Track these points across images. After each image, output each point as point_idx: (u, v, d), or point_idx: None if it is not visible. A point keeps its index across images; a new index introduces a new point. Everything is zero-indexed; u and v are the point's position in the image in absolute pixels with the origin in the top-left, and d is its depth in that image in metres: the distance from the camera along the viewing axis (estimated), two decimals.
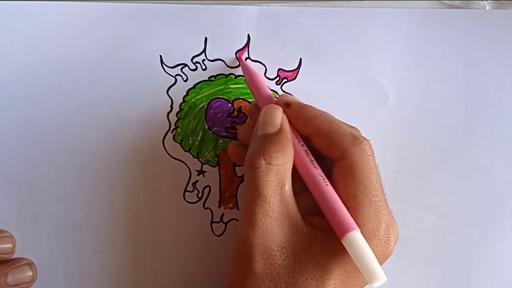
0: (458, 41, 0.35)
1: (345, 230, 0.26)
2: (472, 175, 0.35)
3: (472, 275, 0.35)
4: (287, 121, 0.29)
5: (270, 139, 0.28)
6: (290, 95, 0.32)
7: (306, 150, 0.29)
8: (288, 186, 0.28)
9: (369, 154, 0.28)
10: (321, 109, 0.30)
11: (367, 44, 0.35)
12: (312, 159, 0.29)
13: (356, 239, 0.26)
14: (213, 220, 0.35)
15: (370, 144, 0.29)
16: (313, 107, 0.30)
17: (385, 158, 0.35)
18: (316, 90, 0.35)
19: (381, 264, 0.27)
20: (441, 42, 0.35)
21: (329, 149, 0.29)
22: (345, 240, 0.26)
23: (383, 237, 0.27)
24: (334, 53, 0.35)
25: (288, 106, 0.30)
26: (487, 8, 0.36)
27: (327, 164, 0.30)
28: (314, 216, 0.28)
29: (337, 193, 0.28)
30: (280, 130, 0.29)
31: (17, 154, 0.34)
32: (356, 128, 0.30)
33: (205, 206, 0.35)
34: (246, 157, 0.28)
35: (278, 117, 0.29)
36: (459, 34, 0.35)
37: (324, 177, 0.28)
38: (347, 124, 0.30)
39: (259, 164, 0.27)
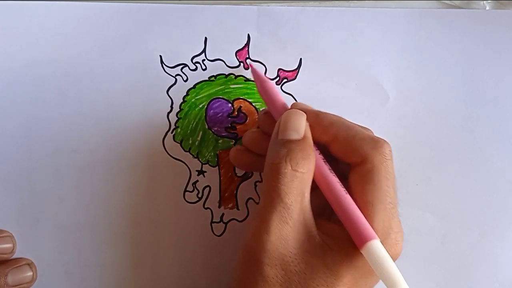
0: (458, 41, 0.35)
1: (365, 240, 0.26)
2: (472, 175, 0.35)
3: (472, 275, 0.35)
4: (309, 128, 0.29)
5: (295, 146, 0.28)
6: (303, 103, 0.32)
7: (323, 159, 0.29)
8: (307, 194, 0.28)
9: (388, 158, 0.28)
10: (335, 114, 0.30)
11: (367, 44, 0.35)
12: (329, 167, 0.28)
13: (376, 248, 0.26)
14: (213, 220, 0.35)
15: (390, 147, 0.28)
16: (328, 114, 0.30)
17: None
18: (316, 90, 0.35)
19: None
20: (441, 42, 0.35)
21: (349, 154, 0.28)
22: (364, 250, 0.26)
23: (393, 242, 0.28)
24: (334, 53, 0.35)
25: None
26: (487, 8, 0.36)
27: (341, 169, 0.30)
28: (327, 223, 0.28)
29: (353, 198, 0.27)
30: (304, 137, 0.28)
31: (17, 154, 0.34)
32: (369, 130, 0.30)
33: (205, 206, 0.35)
34: (268, 159, 0.28)
35: (303, 123, 0.28)
36: (459, 34, 0.35)
37: (342, 186, 0.28)
38: (361, 127, 0.30)
39: (285, 170, 0.27)
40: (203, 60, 0.35)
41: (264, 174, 0.28)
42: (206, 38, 0.35)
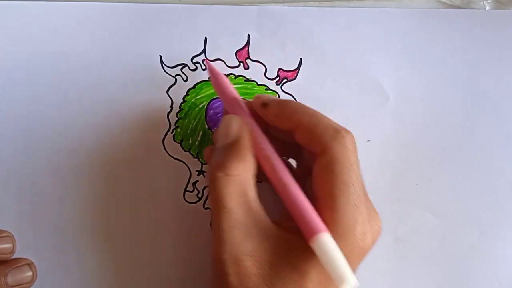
0: (458, 41, 0.35)
1: (313, 233, 0.25)
2: (472, 175, 0.35)
3: (472, 275, 0.35)
4: (245, 128, 0.29)
5: (227, 150, 0.28)
6: (266, 95, 0.31)
7: (271, 151, 0.28)
8: (251, 194, 0.27)
9: (350, 148, 0.27)
10: (300, 103, 0.29)
11: (367, 44, 0.35)
12: (277, 157, 0.28)
13: (323, 241, 0.25)
14: None
15: (353, 138, 0.28)
16: (293, 102, 0.29)
17: (385, 158, 0.35)
18: (316, 90, 0.35)
19: (359, 262, 0.27)
20: (441, 42, 0.35)
21: (310, 143, 0.28)
22: (312, 242, 0.25)
23: (360, 235, 0.27)
24: (334, 53, 0.35)
25: (265, 106, 0.29)
26: (487, 8, 0.36)
27: (309, 159, 0.29)
28: (287, 221, 0.28)
29: (315, 190, 0.27)
30: (236, 140, 0.28)
31: (17, 154, 0.34)
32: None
33: (205, 206, 0.35)
34: (207, 171, 0.28)
35: (234, 126, 0.28)
36: (459, 34, 0.35)
37: (291, 178, 0.27)
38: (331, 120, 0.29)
39: (218, 176, 0.27)
40: (203, 60, 0.35)
41: (208, 185, 0.28)
42: (206, 38, 0.35)
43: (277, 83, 0.35)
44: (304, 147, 0.29)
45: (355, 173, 0.27)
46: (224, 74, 0.35)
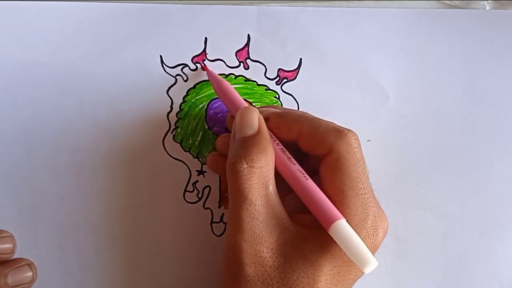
0: (458, 41, 0.35)
1: (331, 221, 0.26)
2: (472, 175, 0.35)
3: (472, 275, 0.35)
4: (264, 122, 0.29)
5: (250, 142, 0.28)
6: (266, 108, 0.32)
7: (282, 149, 0.29)
8: (272, 187, 0.28)
9: (355, 146, 0.28)
10: (299, 110, 0.30)
11: (367, 44, 0.35)
12: (290, 156, 0.29)
13: (342, 227, 0.26)
14: (213, 220, 0.35)
15: (356, 136, 0.28)
16: (291, 111, 0.30)
17: (385, 158, 0.35)
18: (316, 90, 0.35)
19: None
20: (441, 42, 0.35)
21: (315, 147, 0.28)
22: (331, 231, 0.26)
23: (371, 229, 0.27)
24: (334, 53, 0.35)
25: (267, 120, 0.30)
26: (487, 8, 0.36)
27: (313, 165, 0.30)
28: (301, 214, 0.28)
29: (324, 189, 0.28)
30: (258, 132, 0.28)
31: (17, 154, 0.34)
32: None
33: (205, 206, 0.35)
34: (227, 162, 0.28)
35: (255, 118, 0.29)
36: (459, 34, 0.35)
37: (304, 172, 0.28)
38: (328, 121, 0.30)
39: (242, 168, 0.27)
40: (203, 60, 0.35)
41: (227, 176, 0.28)
42: (206, 38, 0.35)
43: (277, 83, 0.35)
44: (309, 154, 0.29)
45: (362, 169, 0.28)
46: (224, 75, 0.35)
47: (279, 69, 0.35)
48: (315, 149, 0.29)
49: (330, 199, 0.27)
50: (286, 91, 0.35)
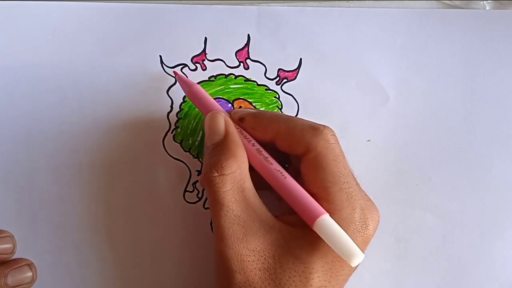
0: (458, 41, 0.35)
1: (314, 217, 0.26)
2: (472, 175, 0.35)
3: (472, 275, 0.35)
4: (231, 124, 0.29)
5: (218, 148, 0.28)
6: (242, 109, 0.32)
7: (258, 149, 0.29)
8: (248, 189, 0.28)
9: (332, 142, 0.28)
10: (274, 111, 0.29)
11: (367, 44, 0.35)
12: (267, 156, 0.28)
13: (326, 223, 0.25)
14: None
15: (333, 132, 0.28)
16: (267, 111, 0.30)
17: (385, 158, 0.35)
18: (316, 90, 0.35)
19: (362, 250, 0.27)
20: (441, 42, 0.35)
21: (293, 147, 0.28)
22: (315, 227, 0.26)
23: (359, 223, 0.27)
24: (334, 53, 0.35)
25: (242, 120, 0.30)
26: (487, 8, 0.36)
27: (295, 162, 0.29)
28: (287, 214, 0.28)
29: (307, 187, 0.27)
30: (226, 136, 0.28)
31: (17, 154, 0.34)
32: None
33: (205, 206, 0.35)
34: (201, 172, 0.28)
35: (221, 123, 0.29)
36: (459, 34, 0.35)
37: (282, 171, 0.28)
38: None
39: (213, 177, 0.27)
40: (203, 60, 0.35)
41: (204, 187, 0.28)
42: (206, 38, 0.35)
43: (277, 83, 0.35)
44: (288, 153, 0.29)
45: (342, 164, 0.28)
46: (224, 76, 0.35)
47: (279, 69, 0.35)
48: (293, 149, 0.28)
49: (315, 197, 0.27)
50: (286, 91, 0.35)
